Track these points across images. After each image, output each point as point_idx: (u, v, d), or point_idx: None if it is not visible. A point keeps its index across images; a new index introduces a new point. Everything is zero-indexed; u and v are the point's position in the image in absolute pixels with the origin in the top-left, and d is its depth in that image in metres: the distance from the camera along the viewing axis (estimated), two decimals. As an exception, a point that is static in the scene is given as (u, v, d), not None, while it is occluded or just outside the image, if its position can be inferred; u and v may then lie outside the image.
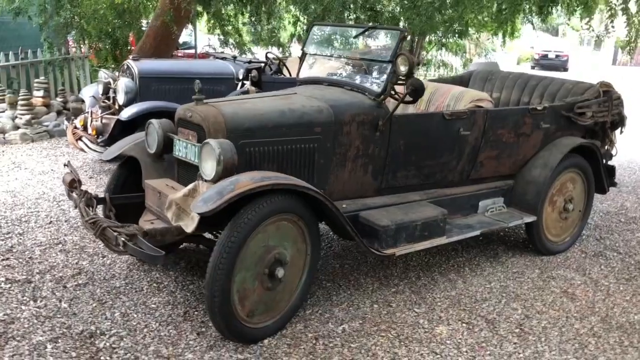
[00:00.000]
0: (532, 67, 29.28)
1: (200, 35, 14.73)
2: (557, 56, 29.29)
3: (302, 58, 4.28)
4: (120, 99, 5.85)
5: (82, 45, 10.15)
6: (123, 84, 5.81)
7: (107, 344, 2.99)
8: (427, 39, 12.83)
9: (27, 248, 4.16)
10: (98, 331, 3.11)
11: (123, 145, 3.80)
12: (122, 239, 2.86)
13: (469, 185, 4.16)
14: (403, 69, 3.45)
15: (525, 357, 3.12)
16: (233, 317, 2.88)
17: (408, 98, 3.46)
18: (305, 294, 3.33)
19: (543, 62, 29.29)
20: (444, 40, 12.93)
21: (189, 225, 2.98)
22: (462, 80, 5.46)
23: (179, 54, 11.38)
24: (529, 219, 4.22)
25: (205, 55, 8.86)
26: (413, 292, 3.80)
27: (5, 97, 7.85)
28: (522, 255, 4.51)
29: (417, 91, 3.44)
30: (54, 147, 7.35)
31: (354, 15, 9.98)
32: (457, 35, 12.65)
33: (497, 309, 3.62)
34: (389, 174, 3.76)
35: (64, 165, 3.79)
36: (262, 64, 6.56)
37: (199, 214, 2.77)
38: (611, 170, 4.88)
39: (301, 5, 11.85)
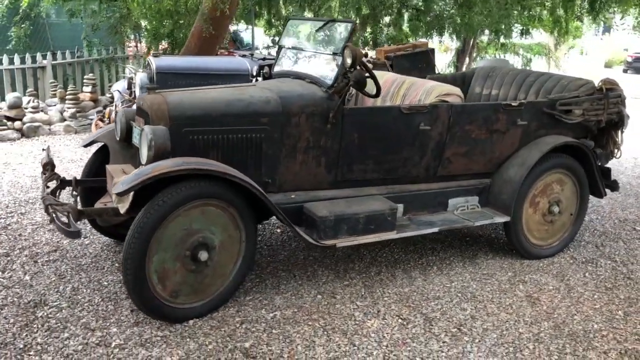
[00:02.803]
0: (625, 71, 27.46)
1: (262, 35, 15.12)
2: (652, 58, 27.22)
3: (277, 52, 4.36)
4: (137, 92, 6.17)
5: (137, 45, 10.74)
6: (139, 78, 6.13)
7: (45, 314, 3.21)
8: (484, 38, 12.47)
9: (21, 226, 4.51)
10: (43, 302, 3.34)
11: (99, 133, 4.05)
12: (53, 214, 3.07)
13: (437, 182, 4.06)
14: (348, 60, 3.45)
15: (447, 356, 3.03)
16: (150, 295, 3.01)
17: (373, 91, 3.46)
18: (241, 280, 3.40)
19: (637, 64, 27.36)
20: (503, 40, 12.52)
21: (123, 206, 3.14)
22: (465, 78, 5.32)
23: (225, 53, 11.77)
24: (501, 219, 4.06)
25: (231, 53, 9.11)
26: (365, 286, 3.77)
27: (57, 91, 8.48)
28: (502, 258, 4.34)
29: (359, 84, 3.43)
30: (93, 138, 7.85)
31: (395, 15, 9.93)
32: (523, 33, 12.21)
33: (444, 308, 3.53)
34: (344, 167, 3.75)
35: (42, 149, 4.09)
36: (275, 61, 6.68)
37: (115, 194, 2.93)
38: (606, 173, 4.58)
39: (354, 7, 11.94)
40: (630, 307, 3.70)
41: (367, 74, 3.63)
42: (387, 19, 11.97)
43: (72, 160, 6.64)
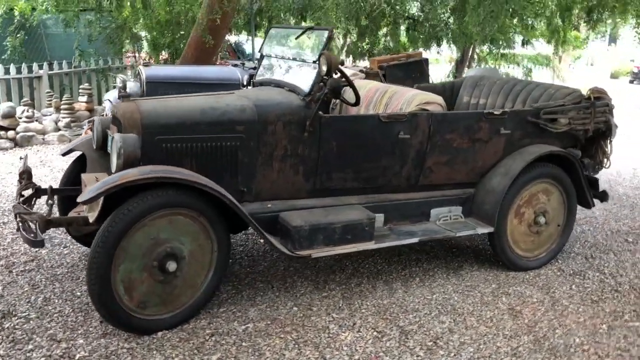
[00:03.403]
0: (631, 82, 27.24)
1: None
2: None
3: (259, 60, 4.32)
4: (127, 102, 6.14)
5: (136, 55, 10.77)
6: (128, 88, 6.11)
7: (12, 325, 3.16)
8: (483, 48, 12.41)
9: (1, 236, 4.47)
10: (11, 313, 3.29)
11: (78, 141, 4.02)
12: (19, 223, 3.03)
13: (419, 191, 3.99)
14: (324, 68, 3.40)
15: (420, 370, 2.95)
16: (116, 305, 2.95)
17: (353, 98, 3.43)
18: (213, 291, 3.34)
19: None
20: (503, 50, 12.47)
21: (92, 215, 3.10)
22: (454, 87, 5.26)
23: (224, 63, 11.79)
24: (483, 230, 3.97)
25: (224, 63, 9.10)
26: (344, 298, 3.70)
27: (52, 101, 8.48)
28: (487, 269, 4.25)
29: (334, 91, 3.39)
30: (86, 148, 7.84)
31: (391, 26, 9.91)
32: (524, 43, 12.16)
33: (421, 321, 3.45)
34: (323, 176, 3.69)
35: (20, 158, 4.05)
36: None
37: (79, 202, 2.88)
38: (593, 183, 4.49)
39: (352, 19, 11.93)
40: (615, 320, 3.60)
41: (344, 82, 3.59)
42: (385, 29, 11.96)
43: (63, 169, 6.59)
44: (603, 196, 4.59)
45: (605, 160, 4.59)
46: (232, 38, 14.84)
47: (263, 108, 3.50)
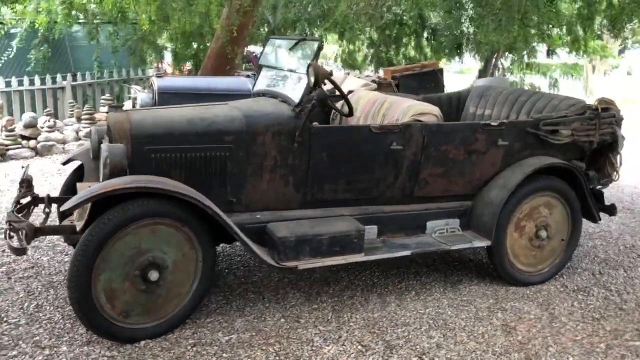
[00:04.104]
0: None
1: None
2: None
3: (257, 71, 4.35)
4: (138, 112, 6.25)
5: (159, 66, 10.97)
6: (140, 98, 6.21)
7: (0, 331, 3.21)
8: (507, 57, 12.23)
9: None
10: (4, 319, 3.35)
11: (78, 151, 4.11)
12: (7, 230, 3.09)
13: (414, 203, 3.93)
14: (312, 79, 3.39)
15: (400, 386, 2.89)
16: (97, 313, 2.97)
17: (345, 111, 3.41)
18: (199, 301, 3.34)
19: None
20: (527, 60, 12.27)
21: (79, 224, 3.15)
22: (461, 97, 5.18)
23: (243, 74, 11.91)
24: (480, 243, 3.88)
25: (236, 74, 9.18)
26: (334, 310, 3.65)
27: (74, 111, 8.69)
28: (487, 284, 4.14)
29: (321, 102, 3.37)
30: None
31: (413, 36, 9.88)
32: (549, 53, 11.96)
33: (410, 335, 3.38)
34: (314, 187, 3.67)
35: (21, 167, 4.15)
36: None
37: (60, 211, 2.92)
38: (598, 196, 4.35)
39: (377, 29, 11.94)
40: (615, 339, 3.47)
41: (336, 93, 3.58)
42: (406, 39, 11.91)
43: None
44: (611, 210, 4.44)
45: (614, 173, 4.44)
46: (257, 49, 15.02)
47: (252, 119, 3.51)
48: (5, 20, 8.68)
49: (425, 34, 10.45)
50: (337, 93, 3.74)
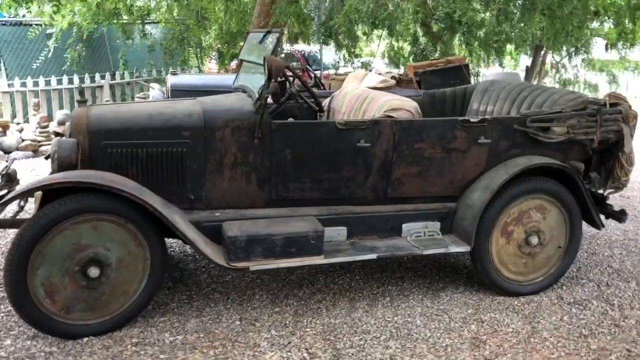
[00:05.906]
0: None
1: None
2: None
3: (239, 65, 4.25)
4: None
5: (200, 64, 11.12)
6: (152, 96, 6.28)
7: (-44, 322, 3.27)
8: (560, 53, 11.55)
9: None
10: (-36, 310, 3.42)
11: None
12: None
13: (388, 204, 3.71)
14: (266, 72, 3.25)
15: (333, 399, 2.70)
16: (34, 308, 2.96)
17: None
18: (148, 299, 3.26)
19: None
20: (584, 56, 11.55)
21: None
22: (466, 93, 4.88)
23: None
24: (458, 248, 3.61)
25: None
26: (296, 314, 3.50)
27: (109, 109, 8.93)
28: (472, 293, 3.86)
29: (274, 96, 3.23)
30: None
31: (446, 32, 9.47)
32: (607, 48, 11.24)
33: (365, 345, 3.17)
34: (279, 185, 3.52)
35: (5, 160, 4.24)
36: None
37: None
38: (600, 200, 3.95)
39: (422, 25, 11.60)
40: (598, 359, 3.12)
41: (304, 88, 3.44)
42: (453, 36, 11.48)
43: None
44: (620, 216, 4.03)
45: (624, 176, 4.02)
46: (306, 47, 15.02)
47: (211, 113, 3.41)
48: (44, 21, 9.03)
49: (462, 30, 10.00)
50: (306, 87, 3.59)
